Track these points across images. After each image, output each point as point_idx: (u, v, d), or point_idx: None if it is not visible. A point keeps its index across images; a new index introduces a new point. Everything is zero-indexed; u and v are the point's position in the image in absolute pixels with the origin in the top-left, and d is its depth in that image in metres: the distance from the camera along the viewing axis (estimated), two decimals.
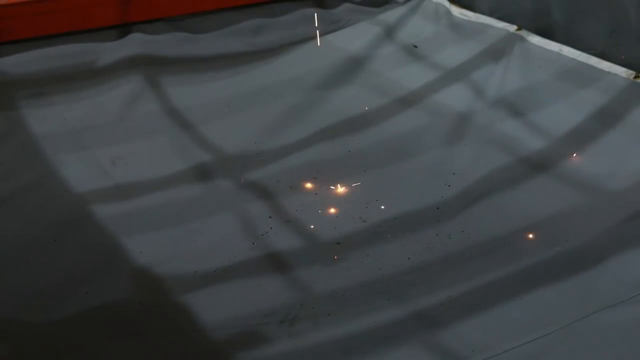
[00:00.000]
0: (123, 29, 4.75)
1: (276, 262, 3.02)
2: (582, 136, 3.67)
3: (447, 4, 4.94)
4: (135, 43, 4.63)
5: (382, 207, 3.34)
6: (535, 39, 4.32)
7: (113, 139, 3.86)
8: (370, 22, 4.97)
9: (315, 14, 5.02)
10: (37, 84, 4.32)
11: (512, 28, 4.47)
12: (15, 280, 2.96)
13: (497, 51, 4.37)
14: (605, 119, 3.71)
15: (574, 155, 3.57)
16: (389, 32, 4.83)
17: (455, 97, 4.14)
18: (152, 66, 4.46)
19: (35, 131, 3.91)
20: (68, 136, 3.88)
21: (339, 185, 3.50)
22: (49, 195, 3.44)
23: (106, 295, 2.86)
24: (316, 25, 4.92)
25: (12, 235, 3.20)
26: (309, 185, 3.50)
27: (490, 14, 4.71)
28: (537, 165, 3.55)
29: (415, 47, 4.69)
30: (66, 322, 2.74)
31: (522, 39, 4.35)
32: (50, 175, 3.56)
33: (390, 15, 5.01)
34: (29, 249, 3.11)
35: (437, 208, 3.32)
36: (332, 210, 3.33)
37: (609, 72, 3.91)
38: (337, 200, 3.40)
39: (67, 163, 3.65)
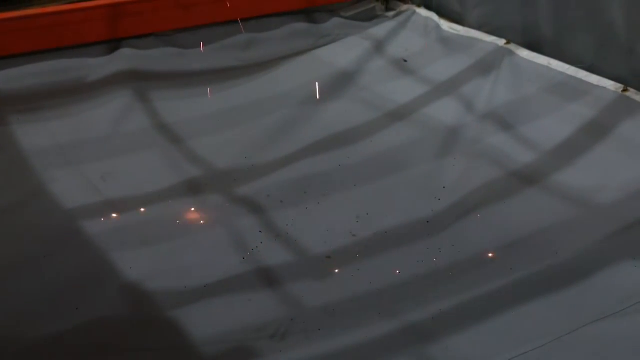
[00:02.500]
0: (113, 44, 4.75)
1: (267, 277, 3.02)
2: (571, 149, 3.68)
3: (437, 18, 4.96)
4: (125, 58, 4.63)
5: (373, 221, 3.34)
6: (525, 53, 4.34)
7: (103, 155, 3.85)
8: (360, 37, 4.98)
9: (306, 29, 5.05)
10: (27, 99, 4.31)
11: (501, 42, 4.49)
12: (5, 296, 2.94)
13: (487, 65, 4.38)
14: (594, 132, 3.73)
15: (564, 168, 3.58)
16: (379, 47, 4.84)
17: (445, 111, 4.15)
18: (142, 81, 4.46)
19: (25, 147, 3.90)
20: (58, 152, 3.87)
21: (329, 199, 3.50)
22: (39, 211, 3.43)
23: (96, 311, 2.85)
24: (306, 40, 4.94)
25: (2, 251, 3.19)
26: (299, 199, 3.50)
27: (480, 28, 4.73)
28: (527, 178, 3.56)
29: (405, 61, 4.70)
30: (56, 338, 2.73)
31: (511, 52, 4.37)
32: (40, 191, 3.55)
33: (380, 29, 5.02)
34: (19, 265, 3.10)
35: (428, 222, 3.32)
36: (323, 225, 3.32)
37: (597, 86, 3.93)
38: (328, 215, 3.40)
39: (57, 179, 3.64)
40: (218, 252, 3.17)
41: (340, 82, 4.51)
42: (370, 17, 5.28)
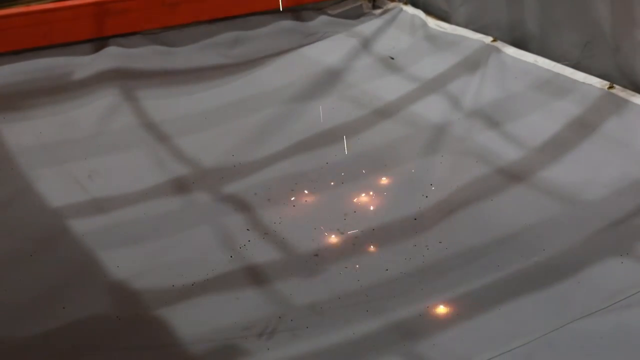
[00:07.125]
0: (99, 42, 4.74)
1: (254, 275, 3.02)
2: (558, 146, 3.69)
3: (423, 16, 4.96)
4: (112, 57, 4.62)
5: (360, 218, 3.34)
6: (511, 50, 4.35)
7: (89, 153, 3.84)
8: (346, 35, 4.98)
9: (292, 27, 5.05)
10: (13, 98, 4.30)
11: (488, 39, 4.50)
12: None
13: (473, 62, 4.39)
14: (581, 129, 3.73)
15: (550, 165, 3.59)
16: (366, 44, 4.84)
17: (432, 109, 4.15)
18: (128, 79, 4.45)
19: (11, 146, 3.89)
20: (44, 150, 3.86)
21: (316, 197, 3.50)
22: (25, 210, 3.43)
23: (84, 309, 2.84)
24: (293, 37, 4.94)
25: None
26: (286, 197, 3.50)
27: (466, 25, 4.73)
28: (514, 175, 3.57)
29: (392, 58, 4.70)
30: (43, 337, 2.73)
31: (497, 50, 4.38)
32: (27, 190, 3.54)
33: (367, 27, 5.02)
34: (6, 264, 3.09)
35: (415, 219, 3.32)
36: (310, 222, 3.32)
37: (583, 83, 3.94)
38: (315, 212, 3.40)
39: (44, 177, 3.63)
40: (205, 250, 3.17)
41: (328, 80, 4.51)
42: (357, 15, 5.28)
